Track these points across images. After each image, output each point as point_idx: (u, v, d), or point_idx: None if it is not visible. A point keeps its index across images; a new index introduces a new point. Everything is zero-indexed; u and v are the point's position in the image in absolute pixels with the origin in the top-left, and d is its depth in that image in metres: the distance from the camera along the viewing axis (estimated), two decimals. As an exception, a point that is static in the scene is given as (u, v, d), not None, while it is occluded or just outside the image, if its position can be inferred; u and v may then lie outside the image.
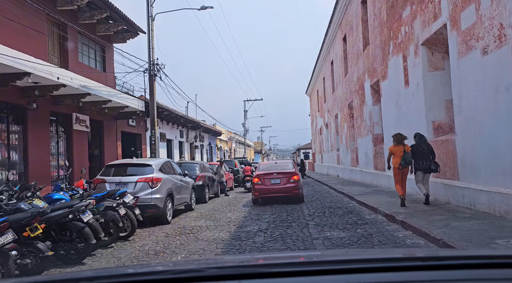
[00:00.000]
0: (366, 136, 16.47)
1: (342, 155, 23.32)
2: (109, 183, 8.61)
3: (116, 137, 14.98)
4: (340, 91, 22.77)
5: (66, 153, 11.89)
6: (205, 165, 15.05)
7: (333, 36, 23.85)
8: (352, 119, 20.59)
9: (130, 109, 14.09)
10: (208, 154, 32.90)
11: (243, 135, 48.71)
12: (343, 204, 11.20)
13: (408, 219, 7.03)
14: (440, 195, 9.12)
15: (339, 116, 23.92)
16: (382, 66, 13.41)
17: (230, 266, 1.34)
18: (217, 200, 14.42)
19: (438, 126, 9.61)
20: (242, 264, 1.36)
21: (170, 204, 9.22)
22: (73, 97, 10.83)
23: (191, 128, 26.57)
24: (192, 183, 11.63)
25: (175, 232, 8.13)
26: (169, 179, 9.36)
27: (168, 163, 10.09)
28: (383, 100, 13.84)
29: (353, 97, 19.06)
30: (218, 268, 1.26)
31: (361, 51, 16.63)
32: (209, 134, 32.76)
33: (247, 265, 1.31)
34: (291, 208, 11.20)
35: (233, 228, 8.35)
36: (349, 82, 19.79)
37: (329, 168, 29.43)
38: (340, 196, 13.70)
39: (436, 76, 9.68)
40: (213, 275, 1.11)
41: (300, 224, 8.25)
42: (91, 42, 13.78)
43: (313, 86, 39.51)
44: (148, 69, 14.64)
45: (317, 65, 32.82)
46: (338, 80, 23.47)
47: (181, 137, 24.43)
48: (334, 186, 16.53)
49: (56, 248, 5.36)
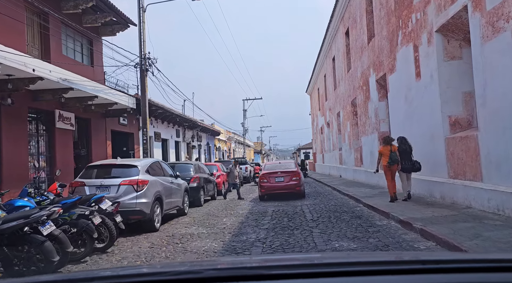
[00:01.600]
0: (371, 134, 15.54)
1: (344, 155, 22.39)
2: (89, 186, 7.68)
3: (105, 136, 14.05)
4: (343, 88, 21.85)
5: (48, 153, 10.96)
6: (201, 166, 14.12)
7: (334, 31, 22.92)
8: (355, 117, 19.66)
9: (120, 106, 13.17)
10: (206, 154, 31.98)
11: (242, 135, 47.75)
12: (349, 208, 10.26)
13: (428, 227, 6.09)
14: (459, 198, 8.19)
15: (341, 114, 23.00)
16: (390, 59, 12.48)
17: (229, 267, 1.36)
18: (213, 204, 13.49)
19: (455, 122, 8.68)
20: (241, 266, 1.36)
21: (158, 209, 8.28)
22: (54, 92, 9.89)
23: (188, 128, 25.65)
24: (184, 186, 10.70)
25: (162, 241, 7.19)
26: (157, 181, 8.43)
27: (157, 163, 9.16)
28: (390, 95, 12.91)
29: (356, 94, 18.13)
30: (217, 269, 1.28)
31: (365, 44, 15.71)
32: (207, 134, 31.84)
33: (246, 267, 1.30)
34: (293, 210, 10.28)
35: (228, 236, 7.42)
36: (352, 78, 18.86)
37: (331, 168, 28.50)
38: (345, 198, 12.76)
39: (452, 66, 8.74)
40: (212, 276, 1.11)
41: (303, 232, 7.32)
42: (77, 34, 12.85)
43: (313, 84, 38.60)
44: (139, 63, 13.72)
45: (318, 62, 31.90)
46: (340, 76, 22.55)
47: (178, 137, 23.51)
48: (338, 187, 15.60)
49: (11, 267, 4.43)
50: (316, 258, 1.96)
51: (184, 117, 23.02)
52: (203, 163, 16.32)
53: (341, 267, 1.16)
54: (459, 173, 8.08)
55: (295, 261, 1.55)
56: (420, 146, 10.39)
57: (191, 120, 24.28)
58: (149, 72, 14.06)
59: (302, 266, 1.27)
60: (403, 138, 9.69)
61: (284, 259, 1.78)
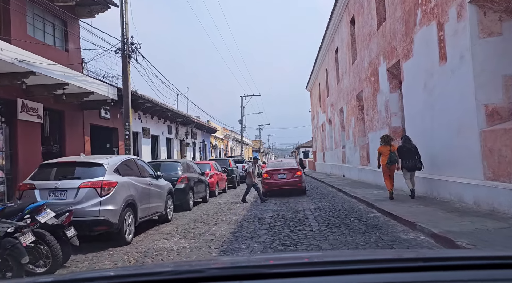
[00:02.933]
0: (380, 130, 14.01)
1: (348, 153, 20.87)
2: (40, 190, 6.10)
3: (83, 131, 12.48)
4: (346, 82, 20.31)
5: (9, 149, 9.38)
6: (190, 165, 12.56)
7: (338, 20, 21.37)
8: (361, 112, 18.14)
9: (99, 97, 11.60)
10: (202, 153, 30.42)
11: (240, 132, 46.18)
12: (361, 214, 8.73)
13: (478, 246, 4.57)
14: (501, 205, 6.63)
15: (345, 110, 21.46)
16: (405, 43, 10.94)
17: (231, 266, 1.34)
18: (204, 207, 11.94)
19: (493, 111, 7.14)
20: (243, 265, 1.33)
21: (130, 217, 6.73)
22: (12, 77, 8.32)
23: (181, 124, 24.08)
24: (168, 187, 9.15)
25: (130, 260, 5.65)
26: (129, 183, 6.88)
27: (131, 161, 7.58)
28: (405, 84, 11.37)
29: (363, 86, 16.60)
30: (219, 268, 1.29)
31: (374, 30, 14.17)
32: (203, 131, 30.28)
33: (248, 266, 1.28)
34: (295, 216, 8.76)
35: (214, 252, 5.90)
36: (358, 70, 17.32)
37: (332, 167, 26.98)
38: (353, 201, 11.23)
39: (489, 44, 7.21)
40: (214, 275, 1.10)
41: (310, 248, 5.80)
42: (48, 14, 11.26)
43: (314, 80, 37.06)
44: (121, 49, 12.15)
45: (319, 56, 30.36)
46: (344, 69, 21.01)
47: (169, 133, 21.94)
48: (343, 189, 14.08)
49: None
50: (317, 256, 1.92)
51: (177, 112, 21.45)
52: (193, 162, 14.78)
53: (343, 265, 1.15)
54: (501, 174, 6.55)
55: (297, 260, 1.55)
56: (442, 141, 8.87)
57: (184, 115, 22.70)
58: (132, 59, 12.50)
59: (303, 265, 1.27)
60: (407, 137, 9.54)
61: (286, 258, 1.81)
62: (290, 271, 1.10)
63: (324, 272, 1.07)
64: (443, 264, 1.11)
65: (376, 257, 1.42)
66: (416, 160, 9.18)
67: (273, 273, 1.10)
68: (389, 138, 9.93)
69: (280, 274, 1.07)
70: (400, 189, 11.12)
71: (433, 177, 9.43)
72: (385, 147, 9.76)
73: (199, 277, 1.08)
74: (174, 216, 9.88)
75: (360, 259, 1.36)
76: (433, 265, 1.11)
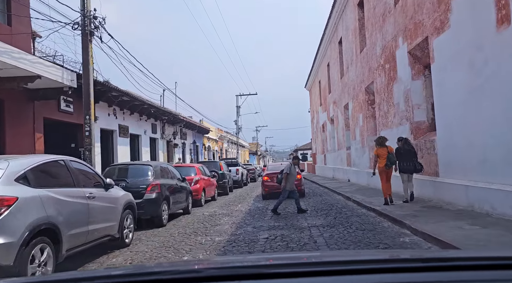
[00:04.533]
0: (398, 126, 11.68)
1: (354, 155, 18.53)
2: None
3: (33, 126, 10.06)
4: (353, 74, 18.00)
5: None
6: (167, 168, 10.14)
7: (343, 6, 19.07)
8: (371, 107, 15.82)
9: (50, 83, 9.22)
10: (193, 154, 28.00)
11: (235, 133, 43.82)
12: (391, 238, 6.30)
13: None
14: None
15: (350, 106, 19.14)
16: (436, 13, 8.62)
17: (229, 266, 1.32)
18: (183, 221, 9.53)
19: None
20: (242, 265, 1.32)
21: (46, 252, 4.31)
22: None
23: (169, 123, 21.69)
24: (126, 200, 6.73)
25: None
26: (46, 198, 4.45)
27: (57, 165, 5.10)
28: (436, 67, 9.03)
29: (374, 76, 14.28)
30: (217, 268, 1.28)
31: (390, 7, 11.85)
32: (194, 131, 27.87)
33: (247, 266, 1.27)
34: (298, 239, 6.38)
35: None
36: (368, 58, 15.02)
37: (335, 171, 24.63)
38: (371, 215, 8.85)
39: None
40: (212, 275, 1.10)
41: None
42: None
43: (314, 77, 34.78)
44: (80, 23, 9.77)
45: (320, 51, 28.09)
46: (349, 60, 18.71)
47: (154, 133, 19.53)
48: (354, 197, 11.72)
49: None
50: (316, 256, 1.93)
51: (162, 109, 19.03)
52: (171, 165, 12.38)
53: (342, 266, 1.15)
54: None
55: (296, 260, 1.55)
56: (497, 137, 6.53)
57: (171, 113, 20.28)
58: (96, 38, 10.13)
59: (302, 265, 1.27)
60: (406, 139, 9.42)
61: (285, 258, 1.80)
62: (289, 271, 1.10)
63: (323, 272, 1.07)
64: (442, 265, 1.11)
65: (375, 258, 1.41)
66: (415, 162, 9.02)
67: (272, 273, 1.10)
68: (384, 139, 9.57)
69: (278, 274, 1.07)
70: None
71: (483, 186, 7.06)
72: (382, 149, 9.37)
73: (197, 277, 1.08)
74: (137, 236, 7.49)
75: (359, 259, 1.35)
76: (432, 266, 1.11)
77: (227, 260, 1.96)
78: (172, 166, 11.13)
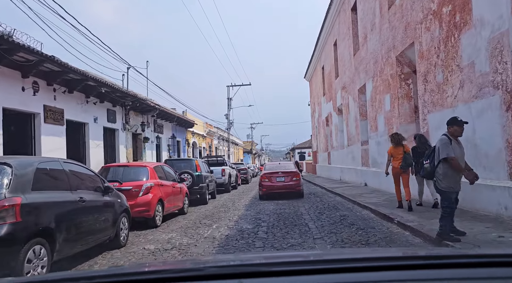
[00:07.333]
0: (473, 101, 7.14)
1: (376, 151, 14.01)
2: None
3: None
4: (375, 43, 13.47)
5: None
6: (54, 170, 5.45)
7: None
8: (405, 83, 11.30)
9: None
10: (172, 152, 23.31)
11: (227, 129, 39.20)
12: None
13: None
14: None
15: (369, 88, 14.61)
16: None
17: (230, 265, 1.31)
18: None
19: None
20: (242, 263, 1.33)
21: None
22: None
23: (135, 110, 17.03)
24: None
25: None
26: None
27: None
28: None
29: (416, 35, 9.75)
30: (218, 267, 1.24)
31: None
32: (173, 124, 23.18)
33: (248, 264, 1.26)
34: None
35: None
36: (405, 11, 10.49)
37: (344, 171, 20.11)
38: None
39: None
40: (213, 274, 1.09)
41: None
42: None
43: (315, 64, 30.30)
44: None
45: (324, 28, 23.61)
46: (369, 27, 14.15)
47: (111, 122, 14.85)
48: (392, 216, 7.17)
49: None
50: (317, 254, 1.93)
51: (119, 89, 14.29)
52: (83, 165, 7.74)
53: (342, 264, 1.15)
54: None
55: (296, 258, 1.55)
56: None
57: (135, 96, 15.55)
58: None
59: (303, 263, 1.26)
60: (421, 136, 8.33)
61: (286, 256, 1.79)
62: (290, 269, 1.08)
63: (324, 270, 1.06)
64: (443, 262, 1.10)
65: (376, 255, 1.41)
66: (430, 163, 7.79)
67: (273, 271, 1.08)
68: (400, 137, 8.59)
69: (279, 272, 1.05)
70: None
71: None
72: (397, 148, 8.45)
73: (198, 275, 1.08)
74: None
75: (359, 257, 1.34)
76: (433, 263, 1.10)
77: (228, 258, 1.90)
78: (85, 167, 6.42)
